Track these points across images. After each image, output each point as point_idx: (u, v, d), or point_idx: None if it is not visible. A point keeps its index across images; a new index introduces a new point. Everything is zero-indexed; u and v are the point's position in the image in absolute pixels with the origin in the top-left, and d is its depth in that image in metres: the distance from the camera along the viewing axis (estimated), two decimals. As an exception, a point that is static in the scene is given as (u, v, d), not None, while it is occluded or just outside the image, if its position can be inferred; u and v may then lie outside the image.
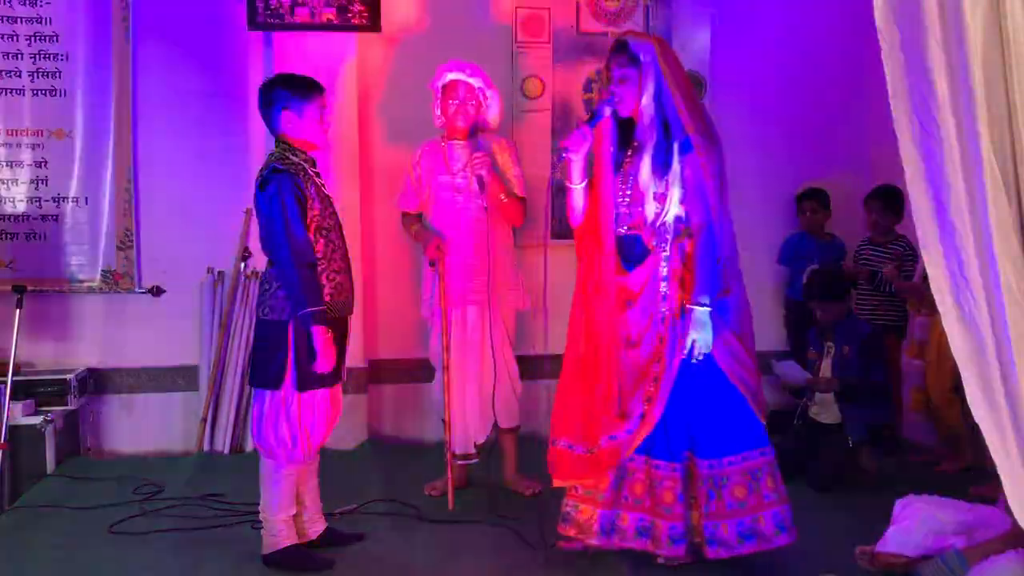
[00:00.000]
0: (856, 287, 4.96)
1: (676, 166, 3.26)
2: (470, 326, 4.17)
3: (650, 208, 3.29)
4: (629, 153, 3.38)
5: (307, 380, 3.33)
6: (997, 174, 2.46)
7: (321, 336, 3.27)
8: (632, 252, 3.35)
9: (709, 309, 3.24)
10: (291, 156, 3.37)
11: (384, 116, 5.22)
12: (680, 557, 3.34)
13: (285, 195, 3.26)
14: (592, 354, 3.37)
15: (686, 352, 3.24)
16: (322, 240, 3.36)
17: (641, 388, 3.30)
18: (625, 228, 3.36)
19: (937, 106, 2.49)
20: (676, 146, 3.26)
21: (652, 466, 3.33)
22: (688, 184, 3.26)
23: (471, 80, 4.11)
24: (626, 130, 3.40)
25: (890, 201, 4.96)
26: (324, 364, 3.30)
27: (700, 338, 3.23)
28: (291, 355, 3.30)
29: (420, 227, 4.27)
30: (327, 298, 3.34)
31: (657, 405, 3.26)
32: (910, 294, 4.73)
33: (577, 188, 3.40)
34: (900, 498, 3.44)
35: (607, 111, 3.34)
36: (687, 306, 3.25)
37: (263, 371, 3.36)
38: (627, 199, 3.35)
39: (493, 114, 4.22)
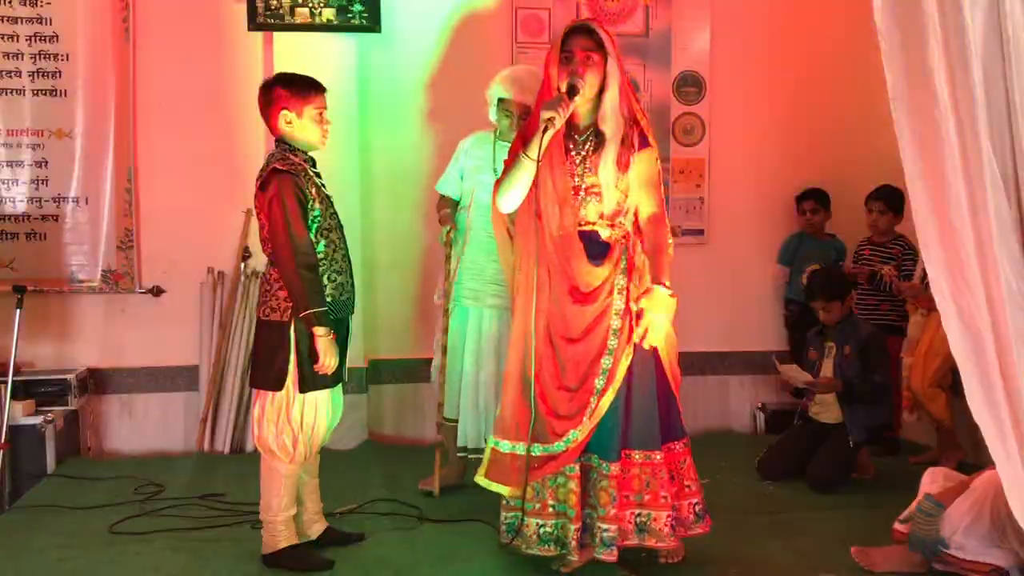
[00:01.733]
0: (856, 287, 4.96)
1: (635, 160, 3.21)
2: (484, 327, 4.15)
3: (610, 201, 3.22)
4: (580, 143, 3.27)
5: (309, 381, 3.32)
6: (997, 174, 2.47)
7: (323, 337, 3.27)
8: (593, 247, 3.23)
9: (669, 291, 3.13)
10: (291, 156, 3.36)
11: (384, 116, 5.22)
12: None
13: (286, 195, 3.25)
14: (543, 351, 3.24)
15: (642, 337, 3.13)
16: (323, 240, 3.36)
17: (590, 382, 3.19)
18: (585, 223, 3.23)
19: (937, 106, 2.49)
20: (636, 140, 3.22)
21: (594, 466, 3.24)
22: (643, 178, 3.24)
23: (525, 100, 3.99)
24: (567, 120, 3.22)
25: (890, 201, 4.97)
26: (326, 365, 3.30)
27: (662, 319, 3.12)
28: (293, 356, 3.30)
29: (448, 213, 4.20)
30: (328, 299, 3.34)
31: (606, 399, 3.17)
32: (908, 294, 4.74)
33: (535, 164, 3.14)
34: (931, 468, 3.50)
35: (581, 85, 3.14)
36: (654, 286, 3.12)
37: (264, 372, 3.34)
38: (583, 192, 3.22)
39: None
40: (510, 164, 3.23)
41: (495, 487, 3.30)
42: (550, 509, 3.24)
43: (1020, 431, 2.46)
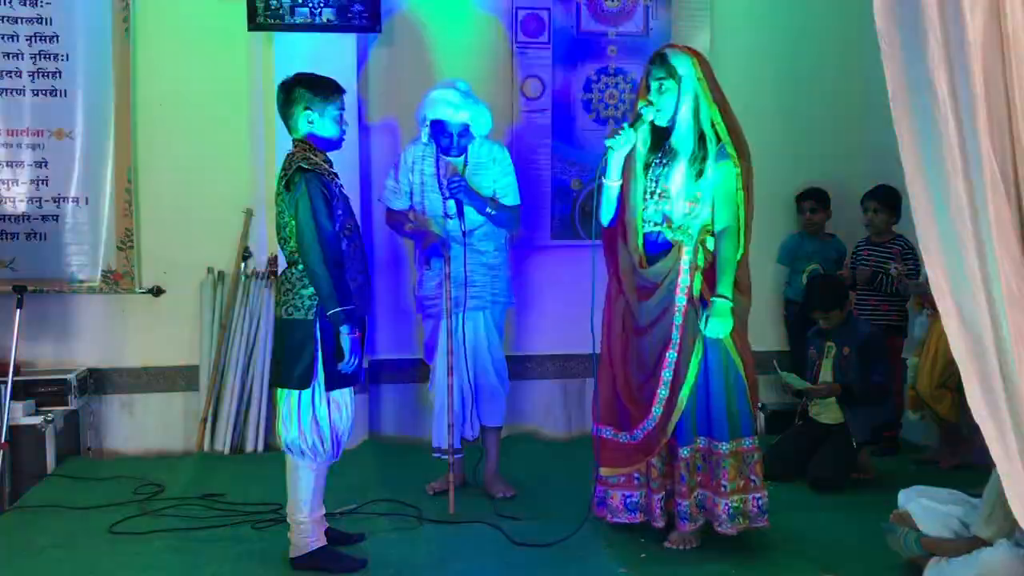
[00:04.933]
0: (855, 288, 4.96)
1: (709, 174, 3.50)
2: (462, 330, 4.14)
3: (679, 209, 3.54)
4: (660, 156, 3.61)
5: (335, 379, 3.33)
6: (997, 174, 2.47)
7: (350, 335, 3.28)
8: (655, 247, 3.58)
9: (730, 303, 3.48)
10: (312, 156, 3.36)
11: (383, 116, 5.22)
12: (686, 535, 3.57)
13: (313, 194, 3.25)
14: (615, 345, 3.65)
15: (706, 334, 3.48)
16: (345, 240, 3.37)
17: (658, 374, 3.52)
18: (651, 224, 3.58)
19: (937, 106, 2.49)
20: (711, 155, 3.50)
21: (672, 449, 3.56)
22: (719, 190, 3.52)
23: (459, 118, 4.04)
24: (656, 134, 3.63)
25: (886, 200, 4.96)
26: (352, 363, 3.31)
27: (718, 325, 3.47)
28: (318, 355, 3.29)
29: (417, 225, 4.20)
30: None
31: (679, 389, 3.48)
32: (915, 292, 4.73)
33: (615, 185, 3.61)
34: (903, 491, 3.47)
35: (649, 116, 3.56)
36: (711, 298, 3.48)
37: (289, 371, 3.33)
38: (656, 198, 3.57)
39: (485, 128, 4.16)
40: (599, 188, 3.65)
41: (619, 471, 3.62)
42: (635, 481, 3.64)
43: (1020, 431, 2.46)
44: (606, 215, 3.66)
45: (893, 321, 4.94)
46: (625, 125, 3.54)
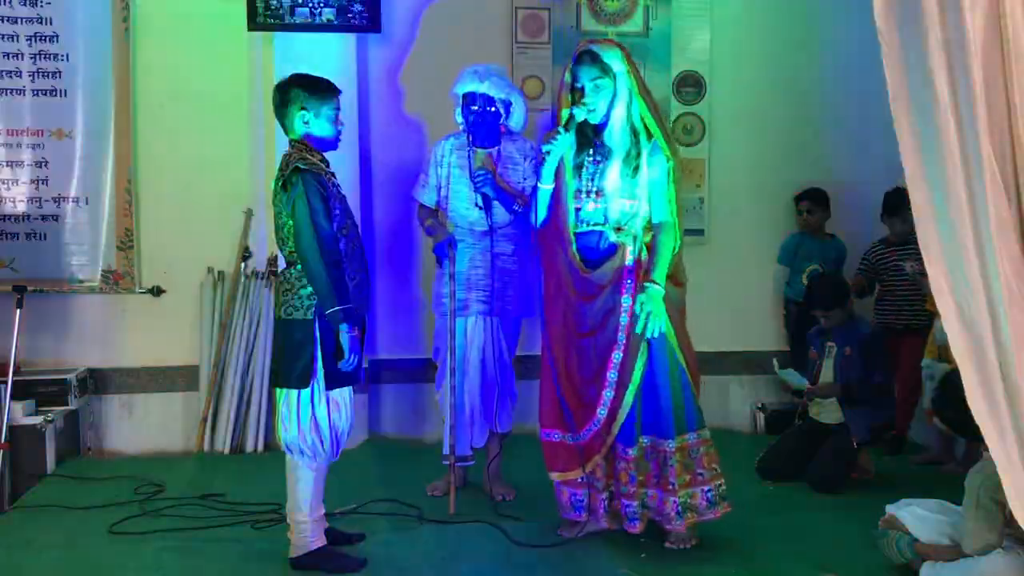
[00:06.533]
0: (873, 288, 4.96)
1: (645, 169, 3.48)
2: (470, 334, 4.14)
3: (616, 207, 3.50)
4: (592, 155, 3.57)
5: (335, 378, 3.33)
6: (997, 174, 2.47)
7: (350, 334, 3.28)
8: (596, 247, 3.53)
9: (662, 290, 3.43)
10: (308, 156, 3.35)
11: (384, 116, 5.22)
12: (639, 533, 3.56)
13: (310, 194, 3.25)
14: (557, 347, 3.60)
15: (644, 330, 3.41)
16: (343, 240, 3.36)
17: (603, 375, 3.49)
18: (587, 225, 3.54)
19: (937, 106, 2.49)
20: (645, 151, 3.48)
21: (615, 449, 3.55)
22: (654, 185, 3.49)
23: (491, 92, 4.03)
24: (582, 135, 3.58)
25: (886, 202, 4.94)
26: (352, 362, 3.30)
27: (652, 311, 3.41)
28: (317, 354, 3.29)
29: (436, 222, 4.22)
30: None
31: (624, 390, 3.47)
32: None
33: (550, 189, 3.57)
34: (890, 505, 3.47)
35: (582, 117, 3.50)
36: (643, 283, 3.43)
37: (289, 371, 3.32)
38: (591, 198, 3.52)
39: (517, 119, 4.15)
40: (534, 191, 3.62)
41: (568, 475, 3.60)
42: (579, 480, 3.60)
43: (1020, 431, 2.46)
44: (539, 217, 3.60)
45: (912, 323, 4.90)
46: (560, 129, 3.50)
